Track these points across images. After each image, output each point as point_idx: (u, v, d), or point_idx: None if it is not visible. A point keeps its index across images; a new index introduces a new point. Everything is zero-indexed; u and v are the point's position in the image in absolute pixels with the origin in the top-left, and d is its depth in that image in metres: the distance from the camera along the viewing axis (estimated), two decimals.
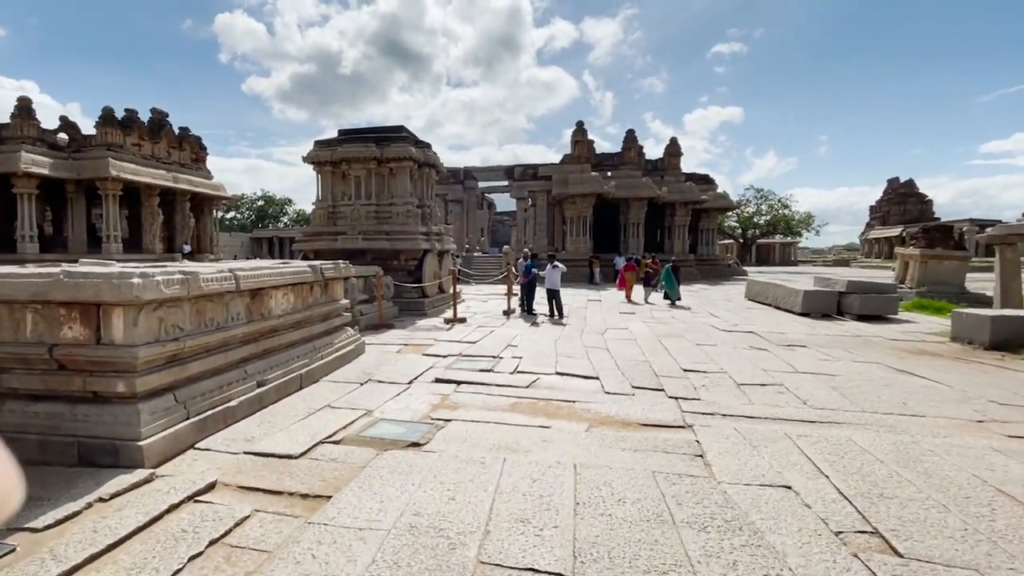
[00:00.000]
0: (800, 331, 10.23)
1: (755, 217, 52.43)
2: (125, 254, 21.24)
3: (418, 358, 7.30)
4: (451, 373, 6.39)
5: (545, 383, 6.08)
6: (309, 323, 6.24)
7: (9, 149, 19.07)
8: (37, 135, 19.96)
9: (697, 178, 32.36)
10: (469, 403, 5.27)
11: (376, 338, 8.82)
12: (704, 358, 7.51)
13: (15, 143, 19.23)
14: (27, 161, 18.83)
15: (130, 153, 21.53)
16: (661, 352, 7.93)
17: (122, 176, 20.33)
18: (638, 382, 6.10)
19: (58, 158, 20.21)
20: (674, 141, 30.87)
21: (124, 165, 20.70)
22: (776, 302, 14.25)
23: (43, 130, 20.40)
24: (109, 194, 20.47)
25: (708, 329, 10.47)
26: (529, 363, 6.99)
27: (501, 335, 9.24)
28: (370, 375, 6.28)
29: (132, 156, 21.57)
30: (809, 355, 7.81)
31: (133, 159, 21.56)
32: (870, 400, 5.43)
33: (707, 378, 6.35)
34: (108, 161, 20.08)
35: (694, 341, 8.98)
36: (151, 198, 22.65)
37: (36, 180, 19.36)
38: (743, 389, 5.86)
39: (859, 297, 11.96)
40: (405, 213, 12.39)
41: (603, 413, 4.98)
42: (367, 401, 5.26)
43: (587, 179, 26.00)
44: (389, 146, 12.33)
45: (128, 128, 21.60)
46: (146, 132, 22.53)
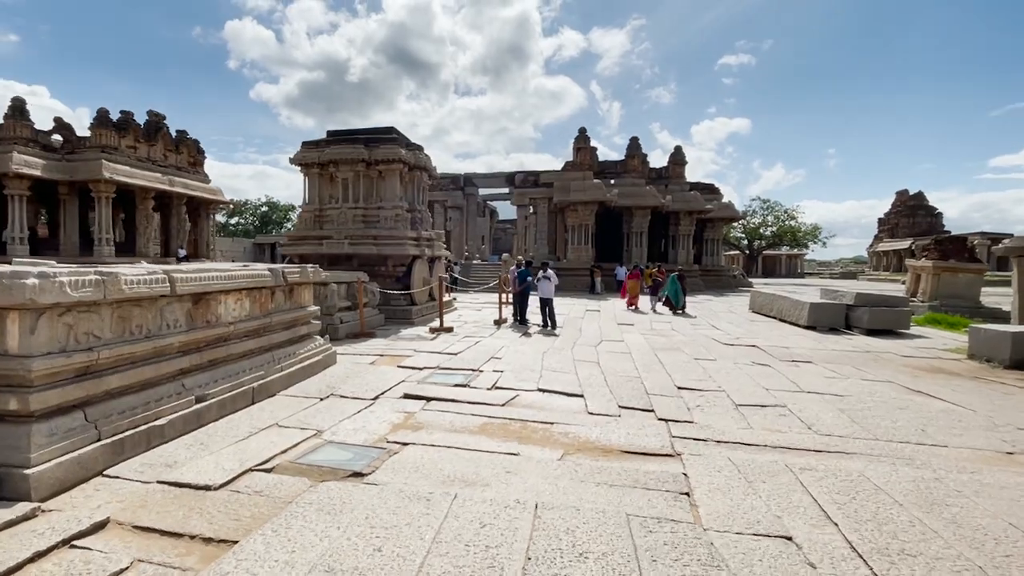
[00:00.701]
0: (806, 345, 9.64)
1: (761, 228, 51.79)
2: (118, 257, 20.92)
3: (391, 370, 6.77)
4: (422, 388, 5.85)
5: (524, 401, 5.53)
6: (268, 331, 5.74)
7: (1, 150, 18.82)
8: (30, 136, 19.72)
9: (702, 187, 31.83)
10: (434, 423, 4.74)
11: (353, 348, 8.30)
12: (701, 374, 6.94)
13: (7, 144, 18.97)
14: (18, 162, 18.55)
15: (124, 155, 21.24)
16: (656, 367, 7.37)
17: (115, 178, 20.02)
18: (626, 401, 5.54)
19: (51, 159, 19.95)
20: (678, 150, 30.40)
21: (118, 167, 20.41)
22: (781, 315, 13.65)
23: (37, 131, 20.16)
24: (102, 196, 20.16)
25: (708, 342, 9.90)
26: (510, 378, 6.44)
27: (487, 346, 8.70)
28: (333, 389, 5.75)
29: (127, 158, 21.28)
30: (815, 372, 7.23)
31: (128, 161, 21.27)
32: (883, 426, 4.85)
33: (703, 397, 5.79)
34: (101, 163, 19.78)
35: (692, 355, 8.41)
36: (146, 201, 22.34)
37: (28, 181, 19.08)
38: (741, 410, 5.29)
39: (868, 310, 11.36)
40: (394, 217, 11.91)
41: (582, 437, 4.43)
42: (321, 419, 4.73)
43: (589, 187, 25.52)
44: (378, 148, 11.87)
45: (123, 130, 21.33)
46: (142, 134, 22.26)
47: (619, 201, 26.39)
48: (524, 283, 12.08)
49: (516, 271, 12.63)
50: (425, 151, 13.21)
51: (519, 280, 12.21)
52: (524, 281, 12.07)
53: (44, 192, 20.83)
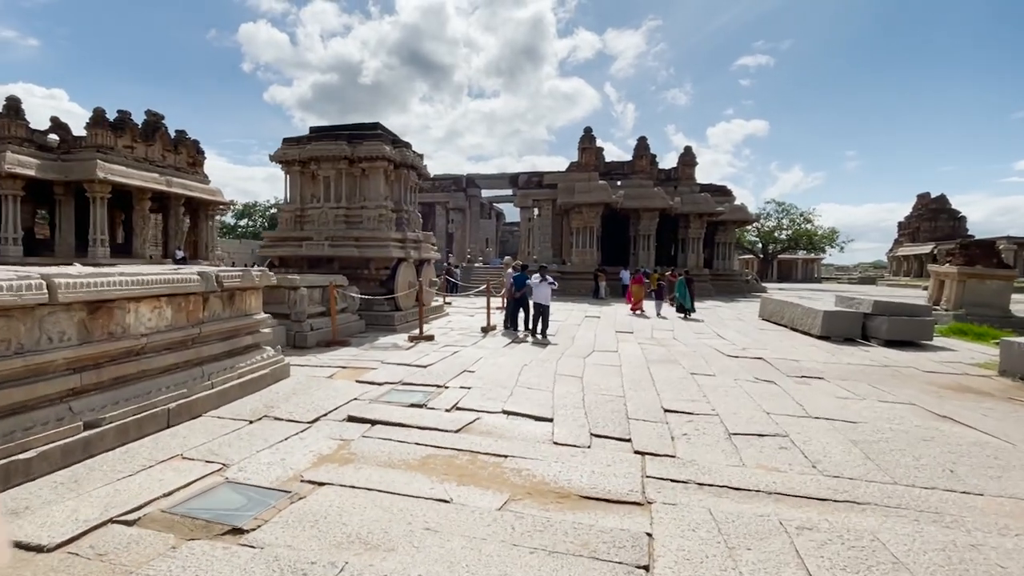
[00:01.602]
0: (817, 359, 8.79)
1: (776, 232, 50.48)
2: (113, 258, 20.60)
3: (347, 386, 6.09)
4: (371, 409, 5.16)
5: (483, 426, 4.82)
6: (199, 343, 5.09)
7: None
8: (25, 135, 19.47)
9: (713, 189, 30.85)
10: (369, 455, 4.04)
11: (317, 358, 7.64)
12: (695, 393, 6.16)
13: (1, 143, 18.73)
14: (11, 161, 18.28)
15: (121, 155, 20.94)
16: (645, 384, 6.60)
17: (109, 178, 19.70)
18: (601, 427, 4.80)
19: (46, 159, 19.69)
20: (688, 150, 29.48)
21: (113, 167, 20.10)
22: (792, 323, 12.77)
23: (32, 131, 19.92)
24: (97, 197, 19.85)
25: (710, 354, 9.09)
26: (476, 397, 5.72)
27: (464, 357, 7.99)
28: (271, 409, 5.09)
29: (123, 158, 20.98)
30: (825, 391, 6.41)
31: (124, 161, 20.97)
32: (904, 464, 4.05)
33: (692, 423, 5.02)
34: (96, 163, 19.49)
35: (689, 369, 7.63)
36: (143, 202, 22.02)
37: (21, 181, 18.82)
38: (735, 441, 4.52)
39: (887, 320, 10.46)
40: (377, 218, 11.27)
41: (537, 476, 3.70)
42: (237, 449, 4.06)
43: (594, 188, 24.74)
44: (361, 144, 11.25)
45: (120, 130, 21.04)
46: (139, 134, 21.96)
47: (625, 203, 25.57)
48: (521, 289, 11.37)
49: (512, 274, 11.89)
50: (413, 148, 12.58)
51: (515, 285, 11.50)
52: (522, 286, 11.36)
53: (41, 193, 20.60)
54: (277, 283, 8.80)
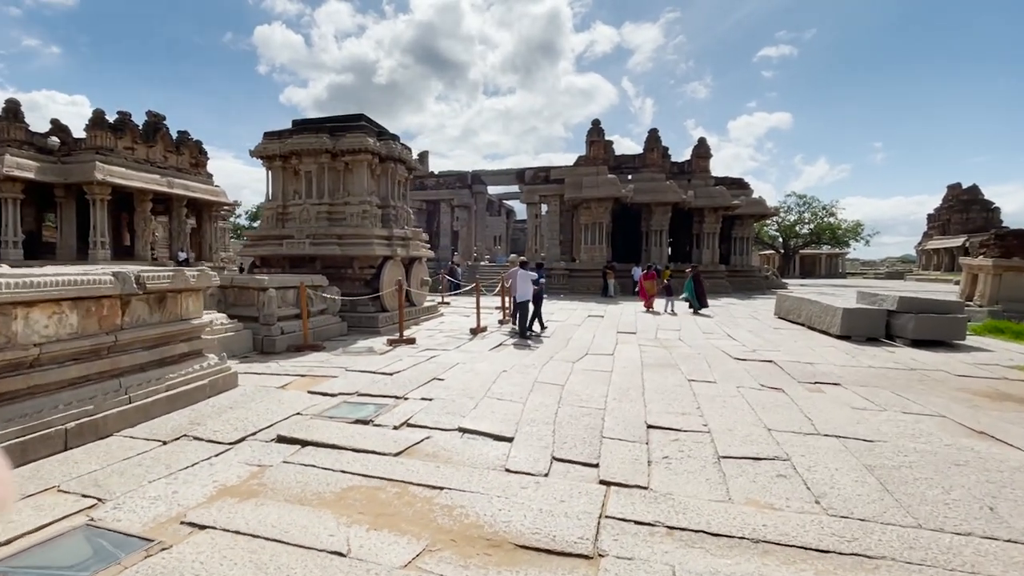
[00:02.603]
0: (835, 361, 7.96)
1: (797, 226, 48.88)
2: (114, 261, 20.46)
3: (296, 398, 5.49)
4: (309, 426, 4.54)
5: (431, 447, 4.16)
6: (116, 352, 4.53)
7: None
8: (25, 138, 19.39)
9: (729, 182, 29.73)
10: (281, 486, 3.42)
11: (279, 365, 7.06)
12: (688, 404, 5.42)
13: (1, 146, 18.67)
14: (11, 164, 18.19)
15: (121, 157, 20.78)
16: (634, 393, 5.88)
17: (109, 180, 19.52)
18: (566, 449, 4.11)
19: (46, 162, 19.60)
20: (702, 142, 28.43)
21: (112, 169, 19.92)
22: (810, 321, 11.87)
23: (33, 133, 19.84)
24: (96, 199, 19.69)
25: (715, 356, 8.32)
26: (435, 410, 5.07)
27: (440, 363, 7.34)
28: (196, 426, 4.51)
29: (123, 160, 20.82)
30: (840, 401, 5.62)
31: (124, 163, 20.80)
32: (930, 498, 3.29)
33: (677, 442, 4.30)
34: (95, 164, 19.33)
35: (688, 375, 6.88)
36: (144, 203, 21.84)
37: (21, 184, 18.75)
38: (724, 466, 3.80)
39: (914, 317, 9.54)
40: (360, 214, 10.68)
41: (471, 517, 3.03)
42: (127, 478, 3.47)
43: (603, 182, 23.90)
44: (343, 137, 10.68)
45: (119, 131, 20.87)
46: (139, 135, 21.78)
47: (636, 197, 24.69)
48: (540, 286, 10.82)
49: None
50: (401, 140, 11.97)
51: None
52: (540, 284, 10.79)
53: (43, 196, 20.54)
54: (244, 284, 8.29)
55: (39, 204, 21.28)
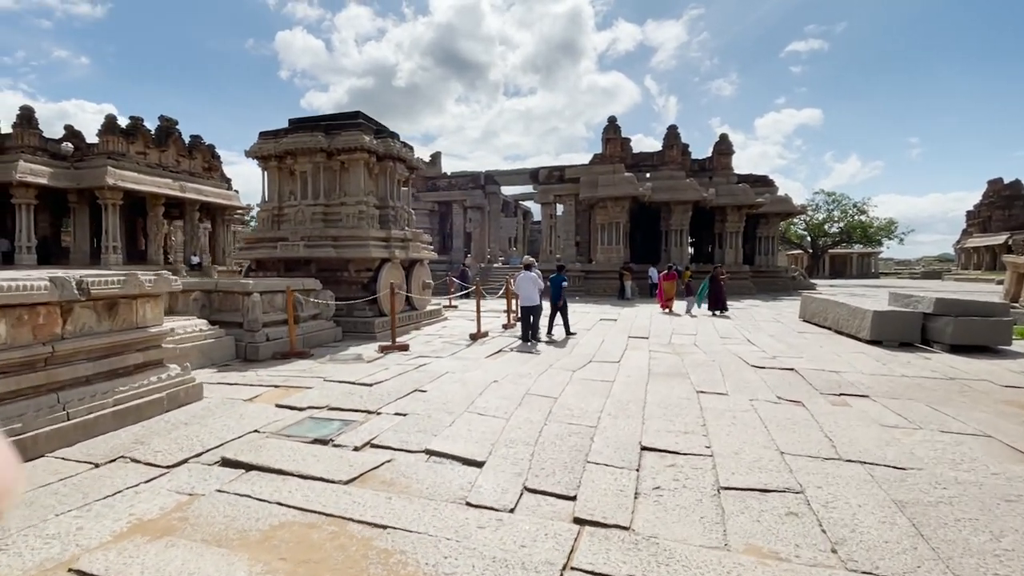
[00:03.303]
0: (864, 369, 7.28)
1: (826, 224, 47.27)
2: (127, 265, 20.60)
3: (260, 412, 5.09)
4: (261, 446, 4.12)
5: (389, 472, 3.70)
6: (54, 364, 4.18)
7: (8, 159, 18.79)
8: (38, 144, 19.65)
9: (753, 180, 28.77)
10: (203, 521, 2.99)
11: (254, 374, 6.67)
12: (692, 421, 4.86)
13: (15, 152, 18.93)
14: (24, 170, 18.42)
15: (133, 161, 20.93)
16: (633, 407, 5.33)
17: (120, 185, 19.65)
18: (544, 476, 3.60)
19: (59, 167, 19.82)
20: (724, 138, 27.55)
21: (124, 174, 20.05)
22: (837, 325, 11.11)
23: (46, 139, 20.12)
24: (108, 203, 19.84)
25: (731, 364, 7.70)
26: (407, 427, 4.61)
27: (428, 372, 6.89)
28: (138, 445, 4.12)
29: (135, 164, 20.97)
30: (868, 417, 4.99)
31: (137, 168, 20.95)
32: (976, 547, 2.70)
33: (673, 469, 3.76)
34: (106, 169, 19.47)
35: (698, 386, 6.29)
36: (156, 208, 21.99)
37: (35, 190, 18.97)
38: (724, 500, 3.25)
39: (954, 321, 8.75)
40: (356, 215, 10.32)
41: (409, 567, 2.55)
42: (32, 510, 3.07)
43: (620, 180, 23.24)
44: (339, 135, 10.34)
45: (132, 136, 21.03)
46: (152, 140, 21.95)
47: (655, 196, 23.96)
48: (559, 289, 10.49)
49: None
50: (401, 139, 11.59)
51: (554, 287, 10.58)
52: (559, 287, 10.48)
53: (58, 201, 20.81)
54: (228, 288, 7.98)
55: (54, 210, 21.59)
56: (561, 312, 10.61)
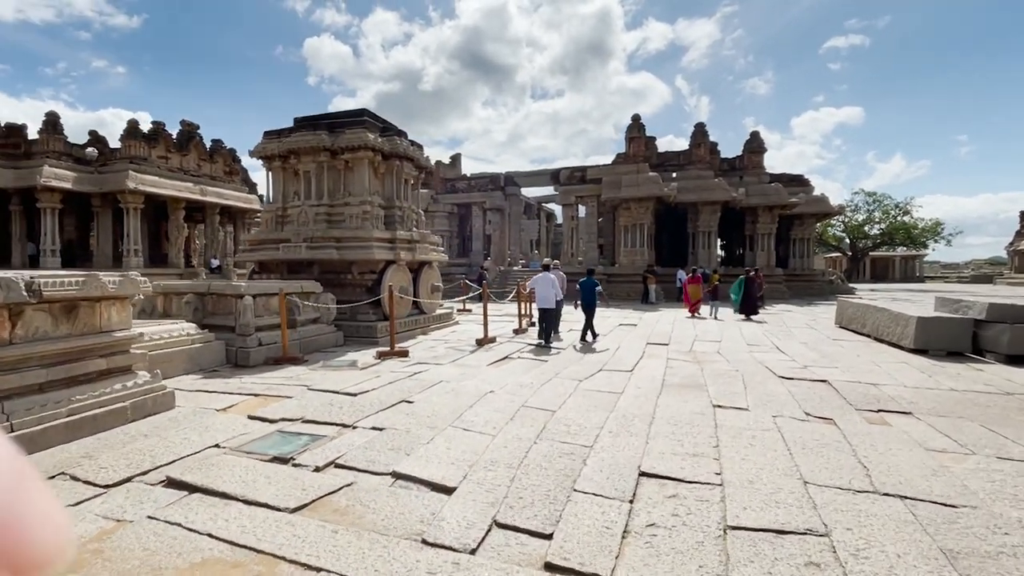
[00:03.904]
0: (906, 382, 6.59)
1: (866, 226, 45.39)
2: (147, 268, 20.89)
3: (230, 423, 4.75)
4: (215, 464, 3.75)
5: (345, 499, 3.28)
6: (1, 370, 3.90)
7: (34, 164, 19.25)
8: (64, 149, 20.08)
9: (787, 179, 27.73)
10: (122, 554, 2.62)
11: (238, 381, 6.36)
12: (704, 441, 4.32)
13: (40, 158, 19.39)
14: (48, 175, 18.82)
15: (155, 166, 21.25)
16: (639, 423, 4.82)
17: (141, 188, 19.93)
18: (519, 507, 3.13)
19: (83, 172, 20.22)
20: (755, 136, 26.59)
21: (145, 178, 20.35)
22: (877, 332, 10.31)
23: (71, 144, 20.55)
24: (130, 207, 20.14)
25: (756, 374, 7.09)
26: (379, 444, 4.19)
27: (419, 381, 6.47)
28: (84, 461, 3.80)
29: (157, 169, 21.28)
30: (910, 439, 4.36)
31: (158, 172, 21.25)
32: None
33: (673, 501, 3.24)
34: (127, 173, 19.78)
35: (715, 398, 5.73)
36: (177, 211, 22.27)
37: (59, 194, 19.37)
38: (731, 544, 2.72)
39: (1010, 328, 7.94)
40: (360, 215, 10.02)
41: None
42: None
43: (643, 181, 22.57)
44: (343, 133, 10.08)
45: (153, 140, 21.36)
46: (173, 144, 22.26)
47: (681, 196, 23.20)
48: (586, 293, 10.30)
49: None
50: (409, 137, 11.27)
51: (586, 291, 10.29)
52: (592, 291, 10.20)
53: (84, 205, 21.25)
54: (221, 291, 7.74)
55: (80, 214, 22.05)
56: (588, 315, 10.27)
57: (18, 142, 20.00)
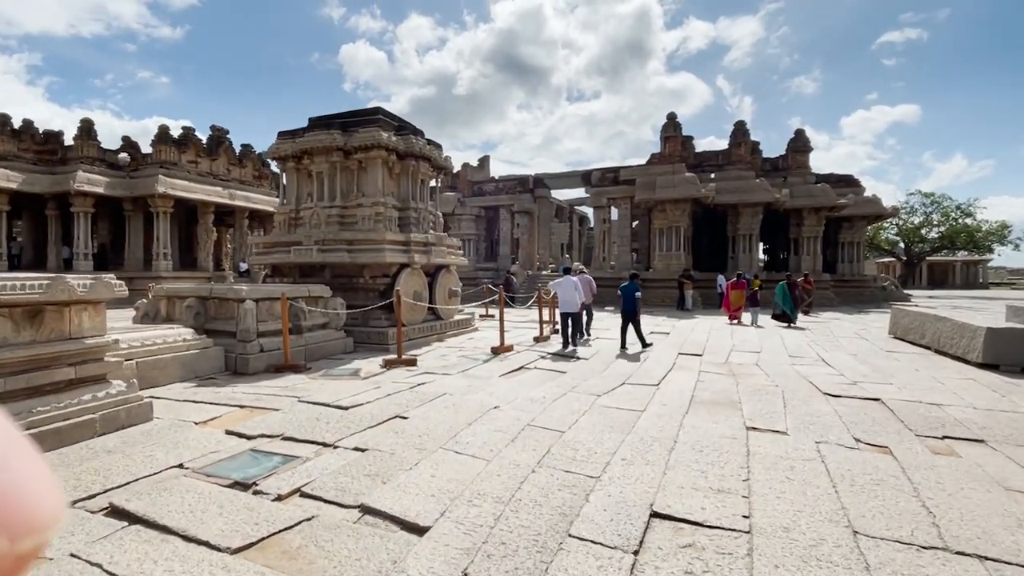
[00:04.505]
0: (975, 403, 5.80)
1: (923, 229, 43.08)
2: (176, 272, 21.30)
3: (204, 438, 4.41)
4: (167, 488, 3.39)
5: (299, 538, 2.85)
6: None
7: (68, 169, 19.86)
8: (97, 155, 20.68)
9: (835, 179, 26.40)
10: None
11: (229, 391, 6.04)
12: (733, 473, 3.73)
13: (75, 163, 20.00)
14: (81, 180, 19.38)
15: (184, 170, 21.69)
16: (658, 449, 4.26)
17: (170, 193, 20.34)
18: (497, 559, 2.63)
19: (116, 177, 20.77)
20: (800, 134, 25.39)
21: (174, 182, 20.77)
22: (938, 344, 9.40)
23: (104, 150, 21.14)
24: (159, 211, 20.58)
25: (799, 389, 6.41)
26: (355, 469, 3.76)
27: (420, 393, 6.03)
28: None
29: (187, 173, 21.71)
30: (984, 473, 3.68)
31: (188, 176, 21.68)
32: None
33: (690, 550, 2.70)
34: (157, 178, 20.21)
35: (749, 419, 5.10)
36: (206, 215, 22.69)
37: (92, 199, 19.92)
38: None
39: None
40: (372, 217, 9.71)
41: None
42: None
43: (679, 181, 21.75)
44: (356, 132, 9.80)
45: (183, 145, 21.81)
46: (203, 149, 22.69)
47: (719, 198, 22.27)
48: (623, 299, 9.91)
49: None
50: (426, 136, 10.95)
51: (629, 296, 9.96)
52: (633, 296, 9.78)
53: (117, 209, 21.83)
54: (223, 295, 7.52)
55: (114, 218, 22.68)
56: (632, 323, 9.84)
57: (55, 148, 20.70)
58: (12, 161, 19.45)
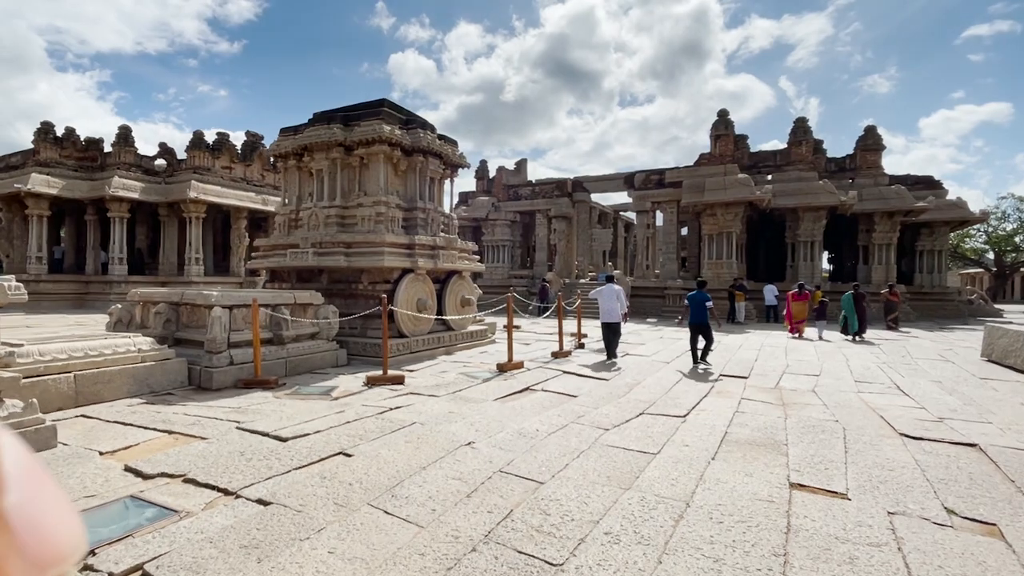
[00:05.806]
0: None
1: (1016, 236, 39.17)
2: (208, 277, 21.45)
3: (95, 475, 3.62)
4: None
5: None
6: None
7: (106, 175, 20.32)
8: (134, 161, 21.08)
9: (912, 181, 24.07)
10: None
11: (169, 412, 5.28)
12: (762, 563, 2.62)
13: (112, 169, 20.45)
14: (117, 185, 19.75)
15: (218, 176, 21.87)
16: (662, 515, 3.17)
17: (203, 198, 20.48)
18: None
19: (151, 183, 21.12)
20: (870, 131, 23.23)
21: (207, 187, 20.93)
22: None
23: (141, 156, 21.57)
24: (192, 216, 20.77)
25: (867, 428, 5.14)
26: (236, 535, 2.86)
27: (387, 421, 5.10)
28: None
29: (220, 179, 21.89)
30: None
31: (221, 182, 21.85)
32: None
33: None
34: (190, 183, 20.41)
35: (796, 469, 3.92)
36: (239, 220, 22.82)
37: (127, 204, 20.28)
38: None
39: None
40: (373, 217, 8.95)
41: None
42: None
43: (731, 183, 20.19)
44: (357, 126, 9.10)
45: (217, 151, 22.02)
46: (237, 155, 22.87)
47: (777, 201, 20.57)
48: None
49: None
50: (437, 130, 10.14)
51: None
52: (702, 308, 9.05)
53: (154, 214, 22.24)
54: (192, 301, 6.88)
55: (150, 223, 23.13)
56: (703, 335, 9.10)
57: (95, 155, 21.26)
58: (54, 168, 20.05)
